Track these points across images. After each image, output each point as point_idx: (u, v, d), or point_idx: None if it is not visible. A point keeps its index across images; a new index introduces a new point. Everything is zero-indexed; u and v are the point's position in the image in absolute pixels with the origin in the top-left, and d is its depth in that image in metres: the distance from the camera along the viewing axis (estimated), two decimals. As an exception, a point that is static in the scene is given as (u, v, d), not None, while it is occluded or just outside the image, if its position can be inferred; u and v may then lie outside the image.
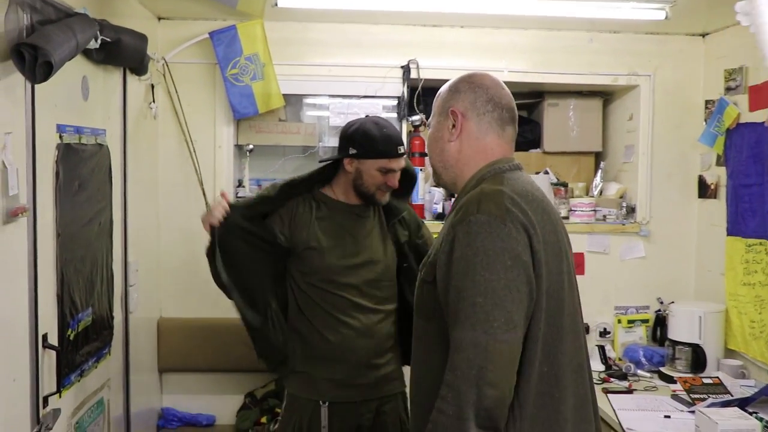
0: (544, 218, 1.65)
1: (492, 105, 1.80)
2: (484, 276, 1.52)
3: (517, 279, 1.53)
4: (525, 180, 1.74)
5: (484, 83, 1.82)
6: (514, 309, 1.52)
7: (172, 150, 3.85)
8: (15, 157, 2.13)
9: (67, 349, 2.56)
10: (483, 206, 1.58)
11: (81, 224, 2.70)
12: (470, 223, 1.57)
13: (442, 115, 1.84)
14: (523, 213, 1.59)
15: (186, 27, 3.78)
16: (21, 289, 2.24)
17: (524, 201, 1.63)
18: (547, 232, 1.63)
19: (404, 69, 3.85)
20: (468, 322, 1.52)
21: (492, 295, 1.51)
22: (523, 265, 1.55)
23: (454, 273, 1.58)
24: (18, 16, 2.09)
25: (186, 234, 3.88)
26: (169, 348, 3.89)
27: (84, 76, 2.73)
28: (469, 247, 1.55)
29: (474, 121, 1.79)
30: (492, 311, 1.50)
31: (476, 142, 1.79)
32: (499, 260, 1.53)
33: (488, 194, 1.62)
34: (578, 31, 3.89)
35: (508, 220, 1.56)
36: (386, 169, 2.68)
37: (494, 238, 1.54)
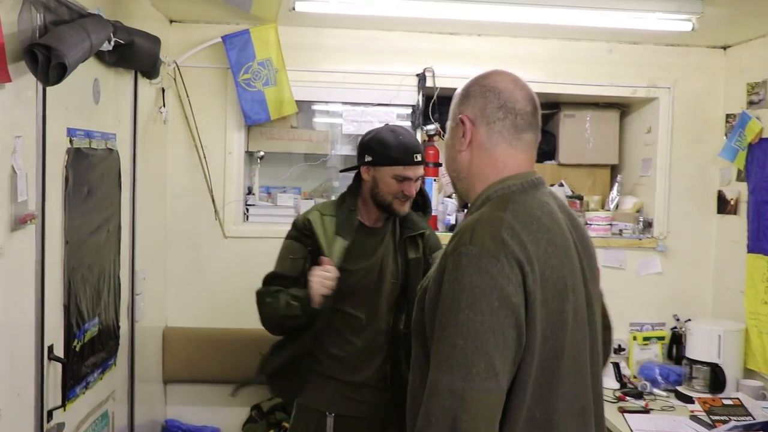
0: (549, 251, 1.49)
1: (504, 111, 1.59)
2: (468, 316, 1.38)
3: (503, 322, 1.38)
4: (536, 203, 1.56)
5: (496, 86, 1.62)
6: (498, 355, 1.37)
7: (181, 156, 3.77)
8: (24, 162, 2.05)
9: (73, 360, 2.48)
10: (477, 236, 1.44)
11: (89, 231, 2.61)
12: (461, 254, 1.43)
13: (454, 122, 1.68)
14: (521, 246, 1.44)
15: (198, 30, 3.71)
16: (28, 299, 2.15)
17: (526, 231, 1.47)
18: (548, 268, 1.47)
19: (419, 77, 3.78)
20: (446, 364, 1.38)
21: (474, 338, 1.37)
22: (512, 306, 1.40)
23: (440, 307, 1.44)
24: (31, 15, 2.01)
25: (194, 241, 3.81)
26: (174, 358, 3.80)
27: (96, 79, 2.66)
28: (456, 282, 1.42)
29: (483, 130, 1.61)
30: (473, 356, 1.36)
31: (486, 154, 1.62)
32: (486, 300, 1.38)
33: (485, 222, 1.47)
34: (598, 42, 3.81)
35: (502, 254, 1.41)
36: (401, 177, 2.61)
37: (483, 275, 1.39)
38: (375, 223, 2.73)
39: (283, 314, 2.58)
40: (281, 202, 3.94)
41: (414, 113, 3.81)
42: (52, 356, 2.29)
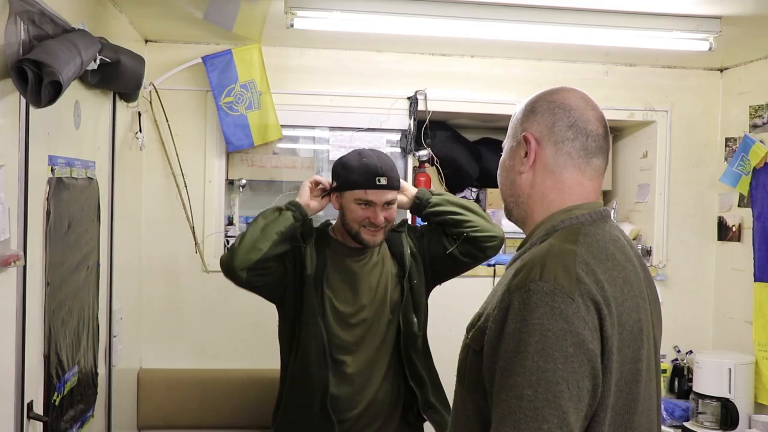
0: (626, 291, 1.32)
1: (574, 131, 1.42)
2: (538, 363, 1.20)
3: (578, 371, 1.21)
4: (608, 236, 1.39)
5: (567, 103, 1.45)
6: (572, 409, 1.20)
7: (157, 184, 3.51)
8: (6, 195, 1.79)
9: (53, 417, 2.20)
10: (548, 271, 1.26)
11: (70, 270, 2.35)
12: (529, 291, 1.24)
13: (514, 140, 1.49)
14: (598, 285, 1.27)
15: (175, 50, 3.47)
16: (8, 351, 1.88)
17: (602, 268, 1.30)
18: (626, 311, 1.30)
19: (411, 100, 3.60)
20: (512, 418, 1.20)
21: (545, 389, 1.19)
22: (588, 354, 1.22)
23: (503, 351, 1.26)
24: (17, 28, 1.76)
25: (170, 276, 3.54)
26: (149, 403, 3.51)
27: (76, 101, 2.40)
28: (523, 323, 1.23)
29: (550, 150, 1.43)
30: (543, 409, 1.18)
31: (552, 177, 1.44)
32: (559, 345, 1.20)
33: (557, 255, 1.30)
34: (593, 63, 3.70)
35: (578, 293, 1.23)
36: (363, 201, 2.43)
37: (556, 317, 1.22)
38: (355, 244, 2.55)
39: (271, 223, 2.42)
40: (264, 233, 3.69)
41: (405, 138, 3.63)
42: (32, 414, 2.02)
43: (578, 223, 1.39)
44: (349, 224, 2.46)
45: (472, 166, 3.93)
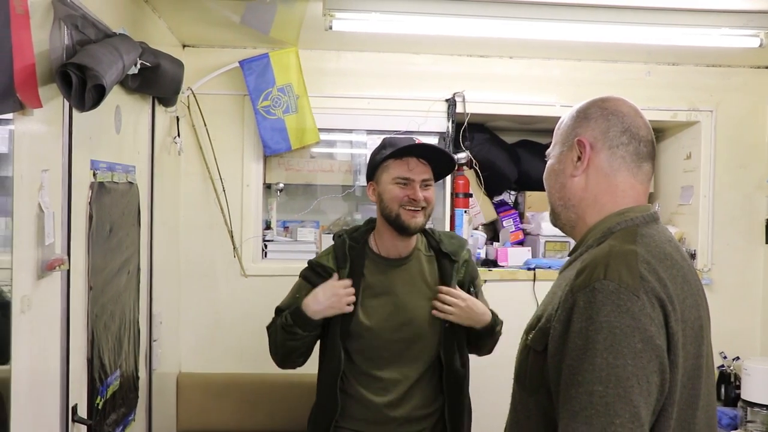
0: (685, 289, 1.35)
1: (628, 136, 1.47)
2: (607, 359, 1.23)
3: (647, 366, 1.24)
4: (663, 237, 1.42)
5: (619, 109, 1.50)
6: (642, 403, 1.22)
7: (195, 189, 3.51)
8: (51, 199, 1.79)
9: (96, 420, 2.20)
10: (612, 270, 1.29)
11: (111, 274, 2.35)
12: (595, 291, 1.27)
13: (566, 145, 1.53)
14: (660, 283, 1.29)
15: (213, 55, 3.48)
16: (53, 355, 1.89)
17: (662, 267, 1.33)
18: (687, 308, 1.33)
19: (449, 102, 3.56)
20: (583, 414, 1.23)
21: (615, 384, 1.22)
22: (655, 349, 1.25)
23: (569, 350, 1.28)
24: (61, 33, 1.76)
25: (208, 280, 3.55)
26: (189, 407, 3.51)
27: (117, 106, 2.41)
28: (591, 321, 1.26)
29: (605, 155, 1.48)
30: (614, 404, 1.21)
31: (605, 180, 1.48)
32: (628, 341, 1.23)
33: (619, 255, 1.32)
34: (635, 63, 3.63)
35: (642, 291, 1.27)
36: (402, 179, 2.35)
37: (623, 314, 1.25)
38: (397, 255, 2.46)
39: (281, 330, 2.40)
40: (301, 237, 3.69)
41: (443, 141, 3.59)
42: (76, 418, 2.02)
43: (633, 225, 1.42)
44: (388, 207, 2.37)
45: (511, 168, 3.88)
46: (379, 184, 2.41)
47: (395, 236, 2.42)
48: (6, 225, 1.62)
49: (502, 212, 3.94)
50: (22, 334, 1.67)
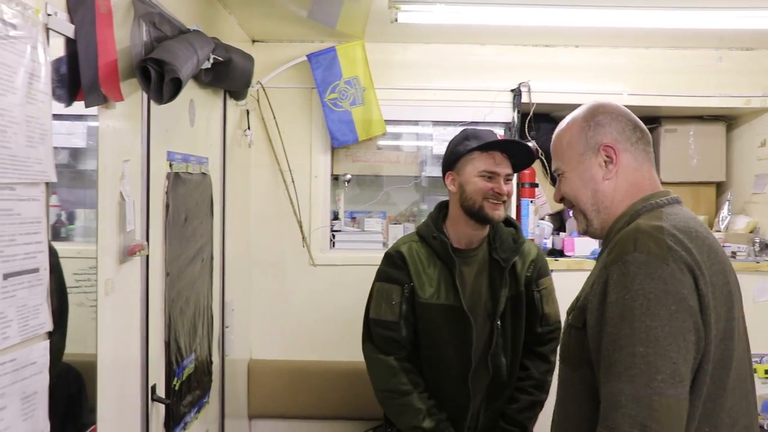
0: (711, 257, 1.44)
1: (639, 131, 1.63)
2: (645, 323, 1.34)
3: (683, 326, 1.34)
4: (686, 215, 1.54)
5: (620, 110, 1.65)
6: (681, 360, 1.33)
7: (264, 180, 3.61)
8: (131, 188, 1.89)
9: (173, 400, 2.30)
10: (640, 244, 1.40)
11: (186, 262, 2.45)
12: (626, 263, 1.38)
13: (588, 154, 1.62)
14: (687, 251, 1.40)
15: (281, 49, 3.56)
16: (133, 337, 1.99)
17: (687, 238, 1.42)
18: (714, 273, 1.42)
19: (515, 93, 3.56)
20: (627, 374, 1.34)
21: (655, 344, 1.33)
22: (689, 310, 1.35)
23: (608, 319, 1.39)
24: (140, 30, 1.85)
25: (278, 269, 3.64)
26: (259, 393, 3.62)
27: (191, 100, 2.51)
28: (626, 290, 1.37)
29: (629, 152, 1.61)
30: (655, 362, 1.32)
31: (634, 175, 1.60)
32: (662, 305, 1.34)
33: (645, 230, 1.43)
34: (706, 49, 3.56)
35: (671, 259, 1.37)
36: (488, 173, 2.39)
37: (655, 280, 1.35)
38: (469, 245, 2.50)
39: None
40: (368, 227, 3.75)
41: (509, 131, 3.60)
42: (155, 397, 2.12)
43: (658, 206, 1.54)
44: (471, 198, 2.40)
45: (578, 158, 3.85)
46: (461, 175, 2.44)
47: (472, 226, 2.46)
48: (86, 216, 1.71)
49: (568, 202, 3.90)
50: (106, 316, 1.76)
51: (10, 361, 1.29)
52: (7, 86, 1.25)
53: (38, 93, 1.35)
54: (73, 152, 1.69)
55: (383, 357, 2.47)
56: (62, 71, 1.49)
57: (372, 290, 2.57)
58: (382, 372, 2.48)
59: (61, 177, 1.53)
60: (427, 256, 2.49)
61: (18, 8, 1.29)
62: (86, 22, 1.52)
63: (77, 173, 1.72)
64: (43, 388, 1.40)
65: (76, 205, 1.69)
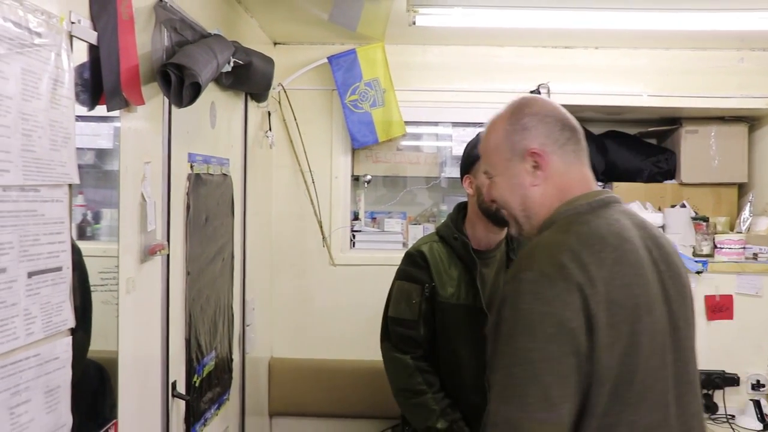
0: (615, 270, 1.38)
1: (569, 131, 1.54)
2: (523, 344, 1.34)
3: (559, 350, 1.32)
4: (603, 222, 1.45)
5: (547, 109, 1.56)
6: (555, 384, 1.32)
7: (285, 181, 3.66)
8: (152, 189, 1.94)
9: (194, 397, 2.36)
10: (535, 261, 1.39)
11: (207, 261, 2.50)
12: (520, 281, 1.38)
13: (515, 160, 1.54)
14: (582, 269, 1.35)
15: (302, 52, 3.61)
16: (154, 334, 2.04)
17: (588, 252, 1.38)
18: (615, 288, 1.36)
19: (534, 94, 3.57)
20: (504, 394, 1.35)
21: (529, 367, 1.33)
22: (569, 333, 1.32)
23: (498, 335, 1.40)
24: (162, 36, 1.90)
25: (298, 269, 3.68)
26: (280, 390, 3.67)
27: (212, 102, 2.56)
28: (513, 309, 1.37)
29: (557, 156, 1.52)
30: (527, 385, 1.32)
31: (561, 179, 1.53)
32: (541, 327, 1.33)
33: (545, 246, 1.42)
34: (727, 50, 3.55)
35: (560, 278, 1.34)
36: None
37: (539, 301, 1.34)
38: (488, 246, 2.52)
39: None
40: (388, 227, 3.79)
41: (528, 132, 3.60)
42: (176, 393, 2.18)
43: (575, 213, 1.48)
44: (488, 203, 2.43)
45: (597, 159, 3.85)
46: (478, 177, 2.45)
47: (490, 228, 2.48)
48: (111, 216, 1.76)
49: (588, 203, 3.91)
50: (127, 313, 1.81)
51: (34, 355, 1.34)
52: (32, 92, 1.30)
53: (62, 98, 1.40)
54: (99, 153, 1.75)
55: (400, 356, 2.50)
56: (85, 76, 1.54)
57: (392, 289, 2.60)
58: (398, 371, 2.51)
59: (87, 177, 1.59)
60: (448, 256, 2.52)
61: (43, 17, 1.34)
62: (108, 28, 1.57)
63: (103, 173, 1.77)
64: (65, 383, 1.45)
65: (102, 204, 1.75)
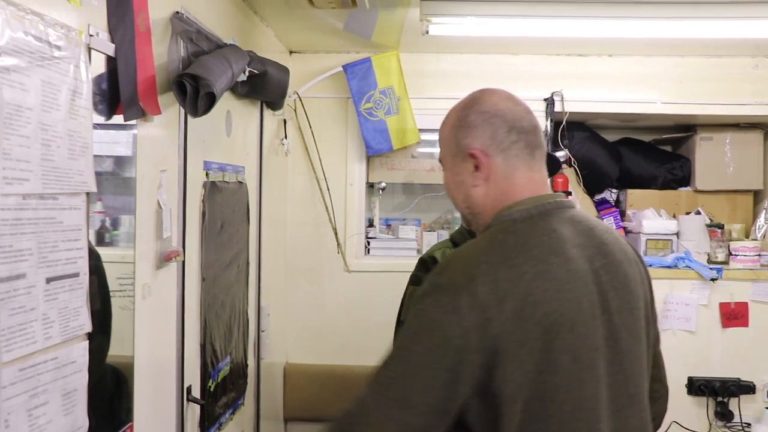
0: (534, 285, 1.31)
1: (515, 133, 1.45)
2: (408, 343, 1.32)
3: (435, 362, 1.28)
4: (537, 231, 1.39)
5: (498, 108, 1.48)
6: (419, 391, 1.28)
7: (301, 188, 3.70)
8: (168, 197, 1.98)
9: (209, 401, 2.39)
10: (449, 268, 1.36)
11: (222, 267, 2.54)
12: (430, 284, 1.36)
13: (458, 158, 1.50)
14: (494, 284, 1.29)
15: (318, 60, 3.65)
16: (169, 339, 2.07)
17: (508, 266, 1.32)
18: (529, 305, 1.30)
19: (547, 102, 3.60)
20: (372, 379, 1.34)
21: (403, 366, 1.31)
22: (452, 349, 1.27)
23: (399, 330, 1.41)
24: (178, 46, 1.95)
25: (313, 275, 3.72)
26: (295, 396, 3.70)
27: (228, 111, 2.60)
28: (414, 309, 1.36)
29: (500, 158, 1.45)
30: (393, 381, 1.30)
31: (505, 181, 1.46)
32: (428, 335, 1.30)
33: (464, 256, 1.39)
34: (741, 57, 3.55)
35: (466, 293, 1.28)
36: None
37: (437, 310, 1.30)
38: None
39: None
40: (403, 234, 3.82)
41: (542, 139, 3.62)
42: (190, 398, 2.21)
43: (511, 221, 1.42)
44: None
45: (612, 166, 3.87)
46: None
47: None
48: (129, 222, 1.80)
49: (602, 210, 3.92)
50: (143, 319, 1.85)
51: (52, 359, 1.37)
52: (51, 103, 1.34)
53: (80, 109, 1.44)
54: (117, 160, 1.79)
55: None
56: (103, 87, 1.58)
57: (405, 295, 2.62)
58: None
59: (106, 184, 1.63)
60: None
61: (62, 31, 1.38)
62: (126, 40, 1.61)
63: (121, 180, 1.81)
64: (82, 386, 1.48)
65: (120, 211, 1.78)
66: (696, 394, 3.43)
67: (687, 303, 3.44)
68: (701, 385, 3.40)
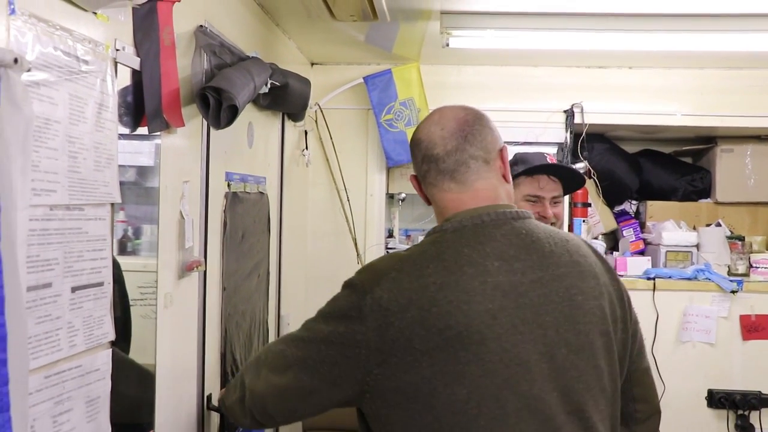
0: (441, 297, 1.32)
1: (426, 162, 1.49)
2: (308, 329, 1.46)
3: (320, 353, 1.40)
4: (462, 244, 1.40)
5: (419, 138, 1.53)
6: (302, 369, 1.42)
7: (321, 198, 3.73)
8: (190, 207, 2.01)
9: (229, 410, 2.41)
10: (366, 270, 1.45)
11: (243, 277, 2.57)
12: (352, 277, 1.45)
13: None
14: (397, 292, 1.33)
15: (339, 72, 3.69)
16: (190, 348, 2.10)
17: (416, 276, 1.35)
18: (432, 315, 1.31)
19: (567, 113, 3.61)
20: (281, 338, 1.56)
21: (282, 348, 1.48)
22: (339, 348, 1.37)
23: None
24: (201, 59, 1.98)
25: (333, 285, 3.70)
26: (314, 405, 3.70)
27: (250, 122, 2.63)
28: (330, 300, 1.47)
29: (425, 184, 1.53)
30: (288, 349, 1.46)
31: (435, 204, 1.53)
32: (320, 327, 1.43)
33: (383, 260, 1.46)
34: (762, 69, 3.55)
35: (370, 296, 1.35)
36: (533, 197, 2.39)
37: (339, 305, 1.43)
38: None
39: None
40: (422, 245, 3.83)
41: (561, 151, 3.63)
42: (211, 406, 2.23)
43: (441, 231, 1.45)
44: None
45: (631, 178, 3.86)
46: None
47: None
48: (152, 232, 1.83)
49: (622, 222, 3.92)
50: (165, 327, 1.88)
51: (76, 367, 1.40)
52: (78, 116, 1.38)
53: (106, 121, 1.48)
54: (140, 170, 1.82)
55: None
56: (128, 99, 1.62)
57: None
58: None
59: (128, 193, 1.66)
60: None
61: (90, 45, 1.41)
62: (151, 54, 1.64)
63: (144, 190, 1.84)
64: (105, 393, 1.51)
65: (142, 220, 1.82)
66: (716, 407, 3.41)
67: (707, 315, 3.42)
68: (721, 398, 3.38)
